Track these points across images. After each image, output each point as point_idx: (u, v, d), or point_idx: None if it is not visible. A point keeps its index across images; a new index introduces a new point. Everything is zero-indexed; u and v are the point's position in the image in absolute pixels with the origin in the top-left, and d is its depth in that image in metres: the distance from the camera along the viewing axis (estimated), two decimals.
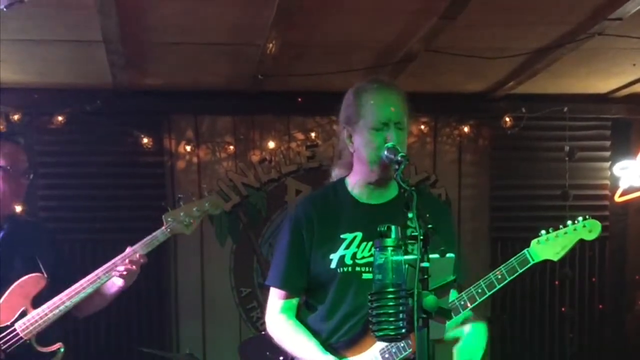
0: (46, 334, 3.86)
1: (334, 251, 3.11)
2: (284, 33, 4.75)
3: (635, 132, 6.96)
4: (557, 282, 6.86)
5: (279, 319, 3.23)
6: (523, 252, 3.10)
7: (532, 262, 3.10)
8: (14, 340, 3.80)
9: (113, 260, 3.95)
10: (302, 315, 3.27)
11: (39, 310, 3.83)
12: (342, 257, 3.10)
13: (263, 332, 3.36)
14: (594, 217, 3.22)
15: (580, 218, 3.18)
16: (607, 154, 6.98)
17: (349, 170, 3.21)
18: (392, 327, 2.32)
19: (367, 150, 3.04)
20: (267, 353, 4.85)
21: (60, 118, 6.22)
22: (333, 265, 3.10)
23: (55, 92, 6.22)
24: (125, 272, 3.90)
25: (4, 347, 3.77)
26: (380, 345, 3.03)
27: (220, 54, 5.42)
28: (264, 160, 6.75)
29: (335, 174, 3.32)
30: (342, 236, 3.11)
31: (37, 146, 6.34)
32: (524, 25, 4.81)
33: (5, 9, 3.51)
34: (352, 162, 3.17)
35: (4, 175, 3.92)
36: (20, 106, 6.14)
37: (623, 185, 6.76)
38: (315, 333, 3.16)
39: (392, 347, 3.02)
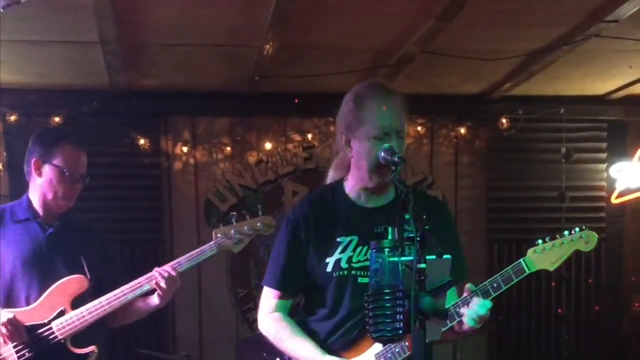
0: (82, 336, 3.84)
1: (330, 255, 3.10)
2: (281, 34, 4.75)
3: (632, 134, 6.97)
4: (553, 284, 6.87)
5: (274, 317, 3.22)
6: (519, 261, 3.10)
7: (527, 272, 3.11)
8: (48, 338, 3.80)
9: (156, 269, 3.94)
10: (300, 316, 3.27)
11: (77, 311, 3.82)
12: (337, 261, 3.09)
13: (259, 333, 3.34)
14: (590, 219, 3.23)
15: (577, 228, 3.17)
16: (604, 155, 6.99)
17: (346, 172, 3.20)
18: (388, 327, 2.32)
19: (367, 159, 3.01)
20: (264, 354, 4.84)
21: (57, 119, 6.21)
22: (329, 268, 3.10)
23: (52, 93, 6.22)
24: (162, 282, 3.89)
25: (38, 343, 3.77)
26: (375, 350, 3.03)
27: (217, 56, 5.42)
28: (261, 162, 6.75)
29: (332, 175, 3.31)
30: (338, 239, 3.11)
31: None
32: (520, 27, 4.82)
33: (2, 10, 3.51)
34: (349, 165, 3.16)
35: (59, 176, 3.90)
36: (17, 107, 6.14)
37: (619, 186, 6.77)
38: (312, 334, 3.16)
39: (387, 352, 3.02)
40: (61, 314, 3.82)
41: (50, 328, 3.80)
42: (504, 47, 5.21)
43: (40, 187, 3.92)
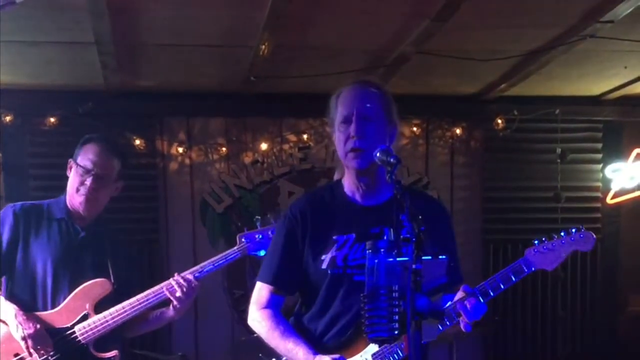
0: (104, 340, 3.86)
1: (326, 252, 3.10)
2: (276, 35, 4.75)
3: (627, 135, 6.98)
4: (549, 284, 6.86)
5: (267, 313, 3.20)
6: (518, 262, 3.10)
7: (526, 272, 3.10)
8: (71, 342, 3.80)
9: (175, 276, 3.94)
10: (297, 314, 3.26)
11: (101, 315, 3.84)
12: (333, 258, 3.09)
13: (255, 335, 3.33)
14: (585, 219, 3.23)
15: (574, 229, 3.18)
16: (599, 156, 7.00)
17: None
18: (385, 328, 2.32)
19: (338, 147, 3.07)
20: (260, 355, 4.84)
21: (52, 120, 6.22)
22: (324, 265, 3.09)
23: (47, 94, 6.21)
24: (178, 291, 3.89)
25: (61, 348, 3.78)
26: (371, 350, 3.03)
27: (212, 56, 5.42)
28: (256, 162, 6.74)
29: (336, 177, 3.32)
30: (334, 237, 3.10)
31: (30, 148, 6.34)
32: (515, 27, 4.82)
33: None
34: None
35: (74, 172, 3.93)
36: (12, 107, 6.13)
37: (615, 187, 6.78)
38: (306, 332, 3.16)
39: (384, 352, 3.01)
40: (84, 318, 3.84)
41: (74, 332, 3.81)
42: (499, 47, 5.21)
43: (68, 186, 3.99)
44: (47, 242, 3.89)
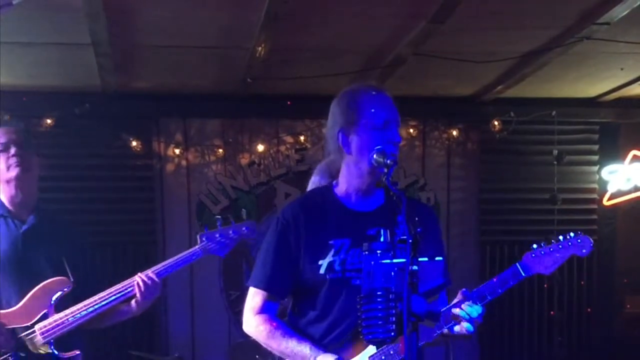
0: (66, 339, 3.82)
1: (323, 257, 3.07)
2: (273, 36, 4.75)
3: (623, 136, 6.99)
4: (546, 286, 6.88)
5: (264, 318, 3.18)
6: (515, 265, 3.09)
7: (523, 276, 3.10)
8: (32, 341, 3.76)
9: (138, 275, 3.92)
10: (290, 319, 3.25)
11: (61, 314, 3.79)
12: (330, 263, 3.06)
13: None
14: (582, 221, 3.22)
15: (571, 234, 3.17)
16: (595, 157, 7.01)
17: (331, 178, 3.19)
18: (381, 330, 2.32)
19: (367, 151, 2.98)
20: (257, 356, 4.84)
21: (49, 121, 6.21)
22: (322, 270, 3.07)
23: (44, 95, 6.21)
24: (142, 287, 3.88)
25: (22, 346, 3.74)
26: (369, 352, 3.03)
27: (209, 57, 5.42)
28: (253, 164, 6.75)
29: (315, 181, 3.28)
30: (330, 242, 3.08)
31: None
32: (512, 29, 4.83)
33: None
34: (336, 170, 3.15)
35: (12, 147, 3.87)
36: (9, 109, 6.12)
37: (611, 189, 6.79)
38: (305, 335, 3.14)
39: (381, 354, 3.00)
40: (44, 317, 3.79)
41: (34, 331, 3.77)
42: (496, 49, 5.21)
43: None
44: None
